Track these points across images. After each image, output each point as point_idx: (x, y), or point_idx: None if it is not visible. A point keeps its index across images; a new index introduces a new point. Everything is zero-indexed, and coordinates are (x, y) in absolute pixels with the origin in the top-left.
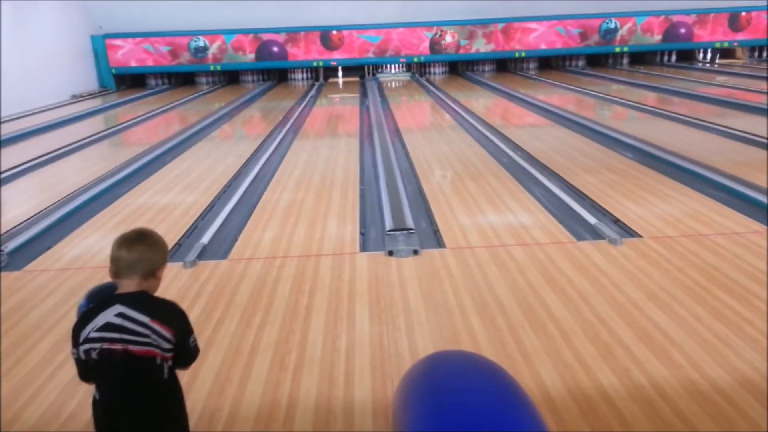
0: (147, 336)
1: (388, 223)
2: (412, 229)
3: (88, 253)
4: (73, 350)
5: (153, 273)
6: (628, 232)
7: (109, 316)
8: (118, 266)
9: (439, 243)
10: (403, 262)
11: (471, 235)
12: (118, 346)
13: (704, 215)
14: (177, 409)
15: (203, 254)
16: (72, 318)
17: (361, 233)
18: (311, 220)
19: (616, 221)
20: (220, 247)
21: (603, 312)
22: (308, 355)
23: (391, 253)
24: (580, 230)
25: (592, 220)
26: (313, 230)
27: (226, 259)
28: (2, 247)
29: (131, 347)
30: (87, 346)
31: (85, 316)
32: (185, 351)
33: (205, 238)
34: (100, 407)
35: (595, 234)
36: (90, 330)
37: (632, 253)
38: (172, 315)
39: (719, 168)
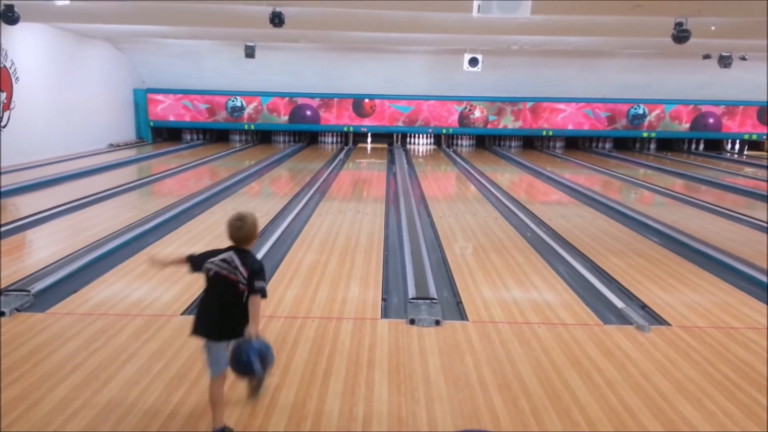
0: (238, 273)
1: (411, 291)
2: (434, 299)
3: (112, 300)
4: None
5: (252, 240)
6: (656, 319)
7: (225, 255)
8: (233, 238)
9: (462, 315)
10: (424, 332)
11: (494, 309)
12: (224, 272)
13: (734, 308)
14: (244, 320)
15: None
16: (91, 365)
17: (383, 299)
18: (334, 282)
19: (644, 307)
20: None
21: (630, 401)
22: (324, 423)
23: (412, 322)
24: (607, 313)
25: (619, 303)
26: (335, 292)
27: None
28: (29, 288)
29: (230, 275)
30: (209, 266)
31: (212, 252)
32: (252, 285)
33: None
34: (202, 304)
35: (622, 318)
36: (214, 258)
37: (660, 341)
38: (254, 267)
39: (749, 260)
